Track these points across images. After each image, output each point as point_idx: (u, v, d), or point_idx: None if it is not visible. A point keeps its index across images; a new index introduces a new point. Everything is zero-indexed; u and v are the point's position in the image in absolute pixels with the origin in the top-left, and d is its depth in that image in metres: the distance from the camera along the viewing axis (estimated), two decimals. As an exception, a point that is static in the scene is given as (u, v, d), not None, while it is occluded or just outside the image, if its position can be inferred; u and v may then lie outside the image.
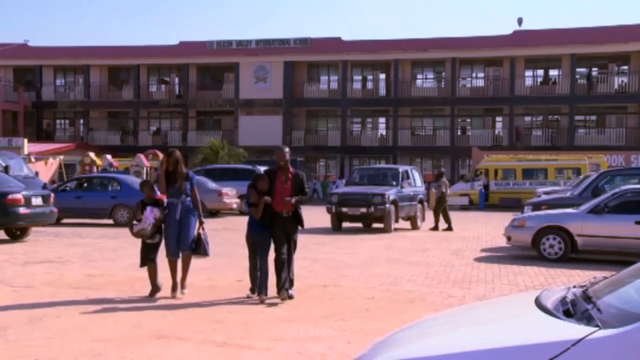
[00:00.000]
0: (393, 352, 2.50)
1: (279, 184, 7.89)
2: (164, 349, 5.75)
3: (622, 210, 11.76)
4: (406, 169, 19.75)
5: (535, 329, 2.42)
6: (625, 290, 2.66)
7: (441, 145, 43.57)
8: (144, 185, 8.45)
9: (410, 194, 18.69)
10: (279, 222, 7.92)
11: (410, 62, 45.09)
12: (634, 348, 2.03)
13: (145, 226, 7.97)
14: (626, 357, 2.04)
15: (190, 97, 46.81)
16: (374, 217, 17.36)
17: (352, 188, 18.63)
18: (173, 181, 8.21)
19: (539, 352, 2.14)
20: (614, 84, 42.32)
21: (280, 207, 7.87)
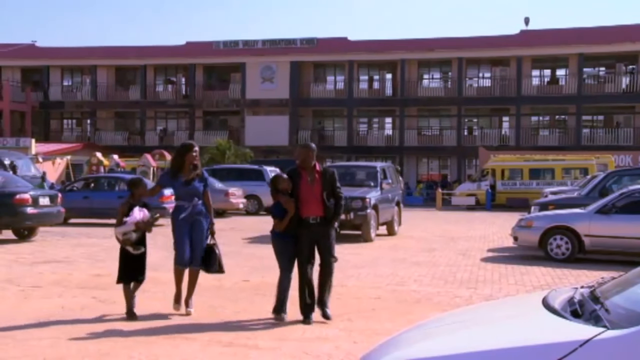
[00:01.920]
0: (399, 352, 2.50)
1: (304, 185, 6.77)
2: (171, 349, 5.76)
3: (629, 211, 11.71)
4: (384, 167, 17.14)
5: (542, 330, 2.41)
6: (633, 291, 2.64)
7: (448, 145, 43.50)
8: (136, 184, 7.17)
9: (389, 197, 16.40)
10: (305, 230, 6.73)
11: (417, 62, 45.03)
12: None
13: (132, 228, 6.86)
14: (634, 357, 2.03)
15: (196, 97, 46.89)
16: (352, 225, 14.69)
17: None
18: (185, 180, 7.04)
19: (547, 353, 2.13)
20: (621, 83, 42.14)
21: (307, 212, 6.74)
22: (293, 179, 6.78)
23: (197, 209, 7.06)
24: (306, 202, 6.71)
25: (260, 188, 23.34)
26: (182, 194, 7.07)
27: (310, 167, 6.82)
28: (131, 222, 6.77)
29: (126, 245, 6.83)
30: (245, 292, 8.55)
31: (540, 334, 2.32)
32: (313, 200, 6.72)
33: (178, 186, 7.07)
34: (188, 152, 7.06)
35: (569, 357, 2.10)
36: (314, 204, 6.72)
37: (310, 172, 6.82)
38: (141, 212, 6.90)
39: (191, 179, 7.02)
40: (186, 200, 7.04)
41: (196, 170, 7.05)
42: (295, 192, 6.73)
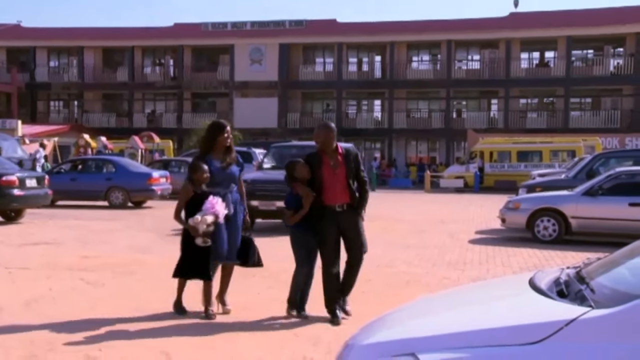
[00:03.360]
0: (385, 333, 2.52)
1: (327, 170, 6.06)
2: (160, 331, 5.76)
3: (616, 193, 11.81)
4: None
5: (529, 310, 2.44)
6: (618, 271, 2.67)
7: (436, 128, 43.55)
8: (195, 169, 6.09)
9: None
10: (332, 220, 6.02)
11: (406, 44, 44.92)
12: (626, 327, 2.05)
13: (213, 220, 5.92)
14: (618, 336, 2.05)
15: (185, 79, 46.62)
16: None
17: (267, 174, 14.21)
18: (222, 164, 6.28)
19: (533, 332, 2.15)
20: (609, 66, 42.29)
21: (332, 199, 6.04)
22: (313, 165, 6.09)
23: (234, 197, 6.31)
24: (330, 189, 6.03)
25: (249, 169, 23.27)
26: (219, 179, 6.18)
27: (332, 150, 6.13)
28: (212, 212, 5.88)
29: (197, 236, 5.90)
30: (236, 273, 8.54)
31: (527, 314, 2.35)
32: (338, 185, 6.04)
33: (214, 170, 6.18)
34: (220, 134, 6.28)
35: (555, 336, 2.12)
36: (339, 190, 6.05)
37: (332, 154, 6.12)
38: (223, 204, 6.02)
39: (229, 163, 6.32)
40: (222, 187, 6.19)
41: (231, 153, 6.36)
42: (317, 178, 6.04)
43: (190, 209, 5.96)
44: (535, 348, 2.11)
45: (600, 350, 2.06)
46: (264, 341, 5.49)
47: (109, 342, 5.38)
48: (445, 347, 2.19)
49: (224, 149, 6.32)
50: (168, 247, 10.98)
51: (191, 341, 5.44)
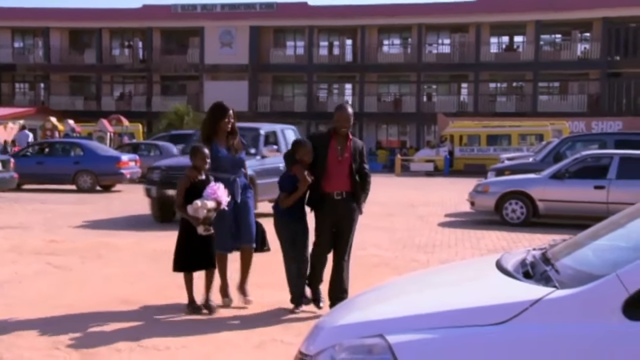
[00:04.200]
0: (354, 315, 2.53)
1: (332, 154, 5.66)
2: (130, 315, 5.73)
3: (582, 176, 12.01)
4: (274, 130, 13.62)
5: (495, 290, 2.47)
6: (582, 252, 2.72)
7: (407, 112, 43.71)
8: (196, 153, 5.71)
9: (278, 167, 12.12)
10: (330, 208, 5.67)
11: (377, 28, 44.90)
12: (588, 307, 2.09)
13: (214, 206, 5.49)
14: (581, 316, 2.09)
15: (154, 62, 46.04)
16: None
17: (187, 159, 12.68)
18: (229, 150, 5.96)
19: (499, 312, 2.18)
20: (576, 50, 42.81)
21: (332, 186, 5.66)
22: (318, 147, 5.65)
23: (242, 182, 6.04)
24: (332, 175, 5.64)
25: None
26: (226, 165, 5.88)
27: (344, 135, 5.73)
28: (213, 198, 5.46)
29: (198, 224, 5.50)
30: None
31: (494, 295, 2.38)
32: (341, 172, 5.66)
33: (222, 156, 5.87)
34: (222, 118, 5.93)
35: (521, 316, 2.15)
36: (341, 177, 5.68)
37: (341, 140, 5.71)
38: (225, 190, 5.61)
39: (236, 149, 6.01)
40: (230, 172, 5.90)
41: (236, 137, 6.04)
42: (320, 162, 5.61)
43: (192, 197, 5.52)
44: (501, 328, 2.14)
45: (564, 330, 2.09)
46: (233, 323, 5.49)
47: (76, 325, 5.33)
48: (413, 329, 2.21)
49: (226, 133, 5.97)
50: (136, 231, 10.90)
51: (160, 324, 5.42)
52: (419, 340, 2.17)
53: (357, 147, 5.80)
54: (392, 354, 2.16)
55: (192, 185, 5.58)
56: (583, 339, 2.06)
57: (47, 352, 4.73)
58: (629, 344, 2.02)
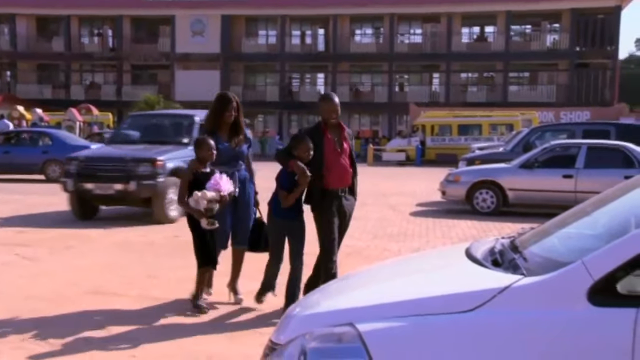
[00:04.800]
0: (325, 304, 2.54)
1: (329, 148, 5.32)
2: (100, 305, 5.69)
3: (550, 165, 12.17)
4: None
5: (464, 279, 2.50)
6: (549, 240, 2.76)
7: (379, 102, 43.83)
8: (200, 145, 5.42)
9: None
10: (335, 206, 5.32)
11: (349, 18, 44.87)
12: (555, 293, 2.13)
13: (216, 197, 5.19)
14: (548, 302, 2.13)
15: (124, 50, 45.49)
16: (138, 199, 10.74)
17: (109, 149, 11.79)
18: (231, 143, 5.70)
19: (468, 300, 2.21)
20: (546, 41, 43.29)
21: (335, 181, 5.33)
22: (314, 142, 5.26)
23: (242, 176, 5.77)
24: (333, 169, 5.30)
25: (191, 143, 23.01)
26: (225, 157, 5.60)
27: (336, 125, 5.43)
28: (215, 189, 5.19)
29: (201, 217, 5.24)
30: (175, 248, 8.49)
31: (463, 283, 2.40)
32: (342, 166, 5.36)
33: (221, 148, 5.57)
34: (224, 109, 5.67)
35: (489, 304, 2.18)
36: (343, 171, 5.37)
37: (335, 130, 5.42)
38: (229, 180, 5.35)
39: (238, 142, 5.75)
40: (228, 166, 5.60)
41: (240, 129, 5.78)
42: (318, 158, 5.24)
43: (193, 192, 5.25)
44: (470, 315, 2.17)
45: (531, 317, 2.12)
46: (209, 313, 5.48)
47: (46, 317, 5.28)
48: (383, 317, 2.23)
49: (229, 125, 5.72)
50: (107, 222, 10.80)
51: (130, 315, 5.39)
52: (389, 328, 2.19)
53: (351, 137, 5.61)
54: (362, 342, 2.17)
55: (195, 179, 5.31)
56: (549, 325, 2.10)
57: (16, 344, 4.67)
58: (593, 329, 2.06)
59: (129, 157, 10.68)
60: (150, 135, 11.69)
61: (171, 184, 10.27)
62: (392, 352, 2.17)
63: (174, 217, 10.49)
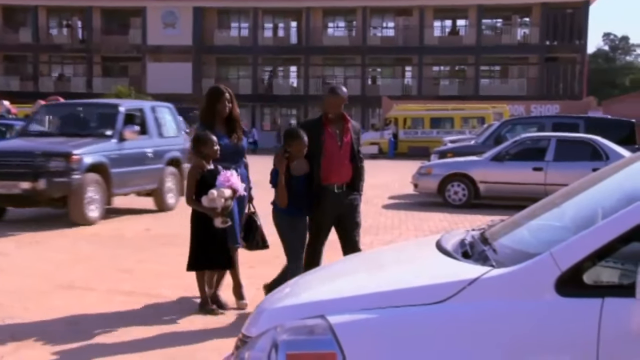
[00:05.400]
0: (296, 296, 2.55)
1: (330, 142, 5.08)
2: (70, 300, 5.62)
3: (521, 158, 12.30)
4: (139, 107, 11.30)
5: (435, 270, 2.51)
6: (519, 232, 2.79)
7: (352, 95, 43.69)
8: (204, 141, 5.13)
9: (144, 153, 10.65)
10: (329, 204, 5.07)
11: (322, 10, 44.80)
12: (523, 284, 2.15)
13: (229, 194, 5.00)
14: (517, 293, 2.15)
15: (94, 42, 44.89)
16: (50, 199, 9.53)
17: (16, 142, 10.49)
18: (230, 138, 5.40)
19: (438, 292, 2.22)
20: (517, 35, 43.71)
21: (332, 177, 5.07)
22: (313, 135, 4.99)
23: (243, 173, 5.48)
24: (332, 164, 5.05)
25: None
26: (227, 154, 5.32)
27: (339, 118, 5.19)
28: (228, 186, 4.97)
29: (217, 216, 4.99)
30: (146, 241, 8.43)
31: (433, 275, 2.42)
32: (342, 161, 5.10)
33: (222, 143, 5.29)
34: (218, 101, 5.39)
35: (459, 295, 2.19)
36: (343, 167, 5.12)
37: (338, 123, 5.16)
38: (238, 177, 5.14)
39: (238, 137, 5.48)
40: (229, 162, 5.30)
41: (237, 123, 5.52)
42: (319, 152, 5.01)
43: (201, 190, 5.01)
44: (440, 307, 2.18)
45: (500, 308, 2.15)
46: (179, 308, 5.44)
47: (13, 312, 5.20)
48: (354, 309, 2.23)
49: (224, 119, 5.43)
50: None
51: (100, 308, 5.33)
52: (360, 320, 2.20)
53: (356, 131, 5.29)
54: (333, 334, 2.17)
55: (201, 177, 5.05)
56: (518, 316, 2.12)
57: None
58: (561, 319, 2.09)
59: (39, 151, 9.43)
60: (68, 127, 10.61)
61: (90, 182, 9.41)
62: (363, 344, 2.18)
63: (94, 218, 9.52)
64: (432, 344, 2.13)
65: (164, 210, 10.98)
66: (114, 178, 9.85)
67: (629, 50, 71.41)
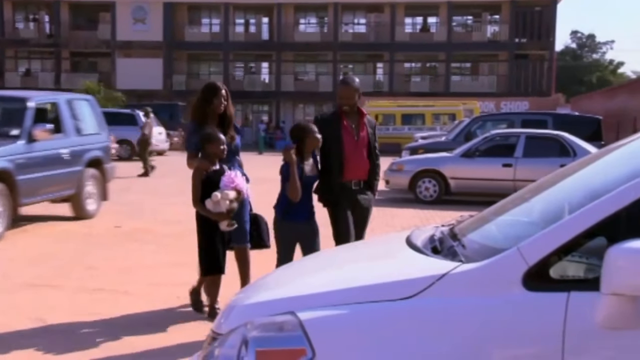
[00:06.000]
0: (266, 293, 2.54)
1: (347, 137, 4.91)
2: (35, 298, 5.54)
3: (491, 154, 12.44)
4: (53, 101, 9.81)
5: (404, 266, 2.52)
6: (487, 227, 2.81)
7: (323, 91, 43.89)
8: (210, 139, 4.84)
9: (59, 154, 9.21)
10: (347, 201, 4.92)
11: (293, 6, 44.72)
12: (491, 279, 2.17)
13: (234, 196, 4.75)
14: (485, 288, 2.16)
15: (62, 37, 44.23)
16: None
17: None
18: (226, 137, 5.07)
19: (407, 287, 2.23)
20: (487, 32, 44.12)
21: (349, 173, 4.91)
22: (328, 130, 4.81)
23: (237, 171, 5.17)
24: (350, 160, 4.87)
25: (132, 132, 22.59)
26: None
27: (355, 112, 5.01)
28: (233, 187, 4.74)
29: (222, 219, 4.75)
30: (115, 238, 8.34)
31: (402, 271, 2.42)
32: (359, 156, 4.92)
33: None
34: (213, 99, 5.13)
35: (428, 291, 2.21)
36: (360, 162, 4.95)
37: (353, 117, 4.98)
38: (242, 176, 4.94)
39: (232, 136, 5.22)
40: (226, 161, 5.07)
41: (232, 121, 5.27)
42: (335, 147, 4.83)
43: (206, 192, 4.75)
44: (409, 302, 2.19)
45: (469, 303, 2.16)
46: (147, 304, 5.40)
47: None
48: (324, 305, 2.23)
49: (218, 117, 5.16)
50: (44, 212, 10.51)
51: (66, 306, 5.27)
52: (329, 316, 2.20)
53: (372, 125, 5.14)
54: (303, 330, 2.17)
55: (206, 178, 4.79)
56: (486, 311, 2.14)
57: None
58: (528, 314, 2.11)
59: None
60: None
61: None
62: (333, 340, 2.18)
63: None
64: (402, 339, 2.14)
65: (83, 218, 9.74)
66: (21, 186, 8.23)
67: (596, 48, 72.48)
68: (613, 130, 23.71)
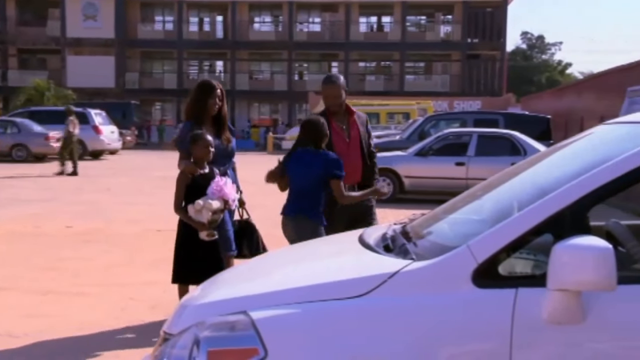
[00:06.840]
0: (219, 292, 2.53)
1: (338, 139, 4.68)
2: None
3: (444, 153, 12.60)
4: None
5: (357, 265, 2.53)
6: (438, 225, 2.85)
7: (279, 90, 43.82)
8: (197, 140, 4.48)
9: None
10: (340, 208, 4.58)
11: (248, 5, 44.53)
12: (442, 277, 2.19)
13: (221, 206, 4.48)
14: (435, 285, 2.19)
15: (9, 33, 43.11)
16: None
17: None
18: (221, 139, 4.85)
19: (359, 285, 2.24)
20: (440, 32, 44.67)
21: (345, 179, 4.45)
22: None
23: (231, 176, 4.97)
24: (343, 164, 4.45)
25: (84, 132, 22.15)
26: (218, 156, 4.70)
27: (342, 112, 4.77)
28: (219, 197, 4.44)
29: (203, 229, 4.46)
30: (67, 238, 8.18)
31: (354, 269, 2.44)
32: (351, 160, 4.62)
33: (215, 146, 4.68)
34: (207, 99, 4.80)
35: (379, 289, 2.22)
36: (353, 165, 4.66)
37: (342, 117, 4.76)
38: (233, 185, 4.60)
39: (228, 138, 4.96)
40: (220, 164, 4.78)
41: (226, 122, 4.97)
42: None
43: (193, 196, 4.46)
44: (360, 301, 2.20)
45: (419, 300, 2.18)
46: (101, 305, 5.32)
47: None
48: (276, 304, 2.23)
49: (212, 118, 4.87)
50: None
51: (15, 308, 5.15)
52: (281, 315, 2.20)
53: (363, 121, 4.89)
54: (255, 329, 2.17)
55: (193, 181, 4.49)
56: (436, 308, 2.16)
57: None
58: (477, 311, 2.14)
59: None
60: None
61: None
62: (285, 339, 2.18)
63: None
64: (353, 337, 2.15)
65: None
66: None
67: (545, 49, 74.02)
68: (562, 129, 24.29)
